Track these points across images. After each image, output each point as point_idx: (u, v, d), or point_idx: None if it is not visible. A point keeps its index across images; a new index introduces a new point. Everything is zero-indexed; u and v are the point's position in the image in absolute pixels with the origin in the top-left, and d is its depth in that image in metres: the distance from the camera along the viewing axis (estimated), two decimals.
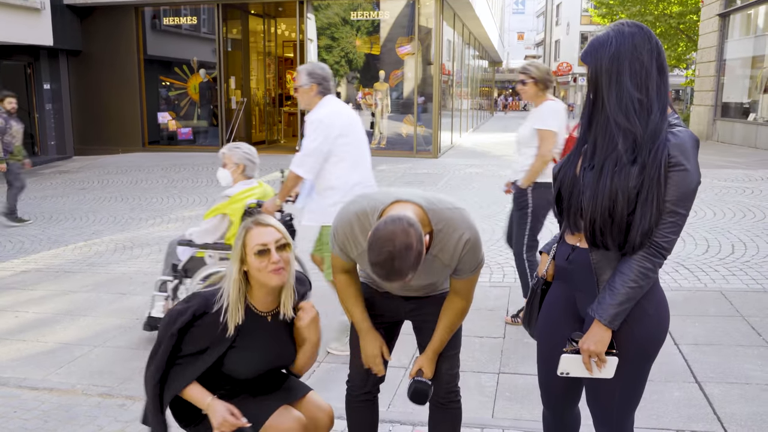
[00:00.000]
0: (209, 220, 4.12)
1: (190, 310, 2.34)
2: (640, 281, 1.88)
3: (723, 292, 5.17)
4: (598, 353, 1.94)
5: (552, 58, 58.18)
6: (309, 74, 3.99)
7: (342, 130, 3.94)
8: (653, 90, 1.86)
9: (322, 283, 4.34)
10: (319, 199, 4.05)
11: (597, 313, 1.93)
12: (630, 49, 1.84)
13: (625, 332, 1.96)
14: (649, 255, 1.88)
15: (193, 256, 4.27)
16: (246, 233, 2.36)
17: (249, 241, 2.34)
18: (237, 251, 2.36)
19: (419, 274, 2.18)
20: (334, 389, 3.69)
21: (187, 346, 2.37)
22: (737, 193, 9.47)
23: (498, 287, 5.49)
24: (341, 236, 2.22)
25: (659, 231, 1.86)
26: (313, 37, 15.90)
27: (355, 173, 3.99)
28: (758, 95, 16.80)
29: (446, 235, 2.11)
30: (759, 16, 17.03)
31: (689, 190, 1.84)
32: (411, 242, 1.84)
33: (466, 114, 24.56)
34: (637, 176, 1.83)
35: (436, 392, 2.50)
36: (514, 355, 4.12)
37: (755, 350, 4.08)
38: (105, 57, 16.27)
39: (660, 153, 1.82)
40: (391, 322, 2.52)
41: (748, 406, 3.39)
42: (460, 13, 19.17)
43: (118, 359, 4.21)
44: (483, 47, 32.07)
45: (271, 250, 2.32)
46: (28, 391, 3.74)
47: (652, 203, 1.83)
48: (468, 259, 2.17)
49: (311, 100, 4.02)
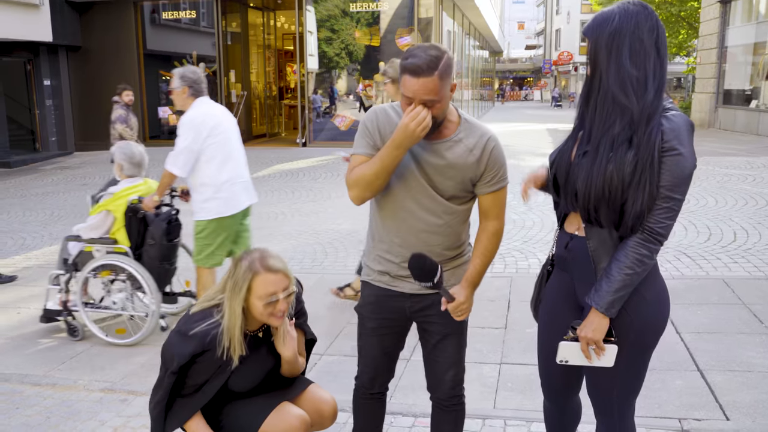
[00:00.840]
0: (94, 217, 4.37)
1: (187, 351, 2.29)
2: (636, 268, 1.87)
3: (725, 280, 5.16)
4: (596, 341, 1.94)
5: (552, 47, 57.99)
6: (181, 77, 4.24)
7: (212, 131, 4.17)
8: (650, 70, 1.85)
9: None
10: (194, 194, 4.30)
11: (594, 300, 1.92)
12: (632, 26, 1.84)
13: (624, 320, 1.95)
14: (645, 241, 1.87)
15: (82, 250, 4.48)
16: (253, 277, 2.26)
17: (256, 287, 2.26)
18: (240, 293, 2.27)
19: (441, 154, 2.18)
20: (335, 381, 3.70)
21: (189, 380, 2.35)
22: (739, 181, 9.44)
23: (499, 278, 5.49)
24: (374, 120, 2.24)
25: (654, 216, 1.85)
26: (312, 29, 15.86)
27: (225, 171, 4.23)
28: (760, 82, 16.73)
29: (471, 126, 2.23)
30: (760, 2, 16.93)
31: (684, 175, 1.83)
32: (442, 48, 2.07)
33: (467, 104, 24.51)
34: (631, 160, 1.83)
35: (440, 395, 2.45)
36: (516, 345, 4.12)
37: (757, 338, 4.07)
38: (105, 52, 16.25)
39: (654, 136, 1.81)
40: (398, 327, 2.45)
41: (750, 393, 3.38)
42: (460, 3, 19.09)
43: (119, 355, 4.21)
44: (483, 37, 31.96)
45: (280, 300, 2.29)
46: (30, 387, 3.75)
47: (645, 187, 1.82)
48: (495, 159, 2.22)
49: (185, 101, 4.27)
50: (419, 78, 2.01)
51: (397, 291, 2.35)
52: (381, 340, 2.44)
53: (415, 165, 2.19)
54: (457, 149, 2.18)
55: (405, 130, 2.04)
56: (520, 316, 4.59)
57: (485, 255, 2.29)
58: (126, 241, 4.33)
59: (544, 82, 58.82)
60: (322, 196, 9.44)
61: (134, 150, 4.48)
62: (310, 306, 4.87)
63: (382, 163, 2.11)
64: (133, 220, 4.34)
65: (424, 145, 2.18)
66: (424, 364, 2.49)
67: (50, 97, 16.06)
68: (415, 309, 2.36)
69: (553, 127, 21.87)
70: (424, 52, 2.02)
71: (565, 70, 54.05)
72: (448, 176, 2.19)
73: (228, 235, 4.31)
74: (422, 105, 2.05)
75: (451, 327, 2.36)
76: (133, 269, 4.25)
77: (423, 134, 2.05)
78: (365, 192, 2.19)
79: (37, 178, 12.47)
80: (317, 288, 5.36)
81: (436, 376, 2.44)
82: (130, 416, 3.37)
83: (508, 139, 17.38)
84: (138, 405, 3.47)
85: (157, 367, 3.91)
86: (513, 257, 6.06)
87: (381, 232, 2.33)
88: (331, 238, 7.02)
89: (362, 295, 2.47)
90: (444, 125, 2.18)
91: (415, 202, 2.22)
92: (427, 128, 2.05)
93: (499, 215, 2.30)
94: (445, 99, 2.08)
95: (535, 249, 6.28)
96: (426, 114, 2.04)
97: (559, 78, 56.91)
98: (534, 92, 60.73)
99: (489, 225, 2.29)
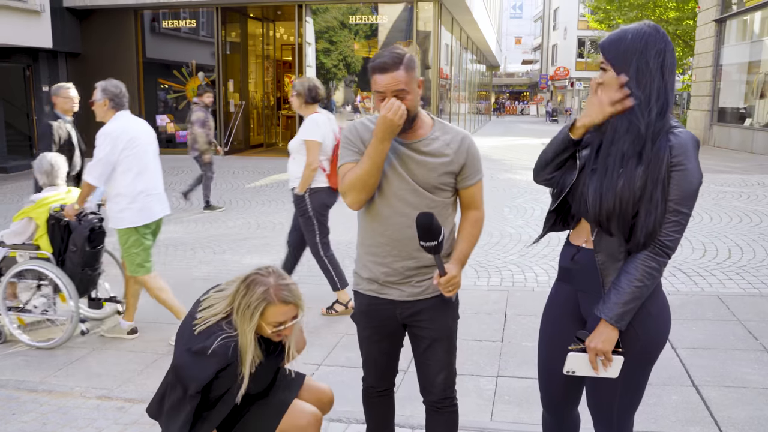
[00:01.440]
0: (16, 223, 4.53)
1: (211, 370, 2.31)
2: (646, 280, 1.91)
3: (720, 297, 5.19)
4: (605, 352, 1.96)
5: (549, 62, 58.34)
6: (103, 90, 4.40)
7: (128, 143, 4.32)
8: (653, 91, 1.90)
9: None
10: (110, 204, 4.42)
11: (603, 312, 1.95)
12: (641, 47, 1.89)
13: (630, 335, 1.99)
14: (654, 254, 1.91)
15: (6, 255, 4.64)
16: (266, 306, 2.31)
17: (268, 316, 2.32)
18: (253, 321, 2.31)
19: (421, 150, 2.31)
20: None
21: (210, 394, 2.37)
22: (734, 198, 9.50)
23: (496, 291, 5.51)
24: (354, 131, 2.37)
25: (663, 230, 1.90)
26: (311, 40, 15.94)
27: (141, 182, 4.38)
28: (754, 100, 16.87)
29: (445, 126, 2.41)
30: (755, 21, 17.11)
31: (692, 189, 1.88)
32: (404, 49, 2.27)
33: (463, 118, 24.61)
34: (641, 175, 1.87)
35: (432, 398, 2.50)
36: (513, 358, 4.13)
37: (752, 354, 4.10)
38: (104, 59, 16.27)
39: (663, 152, 1.86)
40: (392, 332, 2.50)
41: (745, 409, 3.40)
42: (458, 17, 19.23)
43: (116, 362, 4.21)
44: (481, 51, 32.15)
45: (287, 327, 2.38)
46: (26, 394, 3.74)
47: (657, 204, 1.87)
48: (472, 154, 2.38)
49: (105, 113, 4.41)
50: (387, 73, 2.20)
51: (386, 299, 2.42)
52: (378, 345, 2.53)
53: (398, 162, 2.32)
54: (434, 144, 2.35)
55: (385, 121, 2.19)
56: (517, 329, 4.61)
57: (470, 239, 2.44)
58: (48, 248, 4.49)
59: (540, 97, 59.13)
60: None
61: (45, 161, 4.62)
62: (306, 317, 4.89)
63: (371, 160, 2.24)
64: (56, 227, 4.49)
65: (403, 144, 2.32)
66: (416, 368, 2.55)
67: (48, 103, 15.98)
68: (405, 315, 2.43)
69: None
70: (389, 51, 2.24)
71: (561, 85, 54.35)
72: (429, 168, 2.32)
73: (148, 241, 4.47)
74: (395, 97, 2.21)
75: (441, 331, 2.44)
76: (54, 275, 4.40)
77: (401, 122, 2.20)
78: (361, 193, 2.30)
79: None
80: (314, 298, 5.36)
81: (427, 379, 2.50)
82: (127, 424, 3.37)
83: (505, 153, 17.46)
84: (135, 413, 3.47)
85: (153, 375, 3.93)
86: (510, 271, 6.08)
87: (368, 236, 2.42)
88: None
89: (355, 304, 2.56)
90: (419, 125, 2.34)
91: (400, 200, 2.33)
92: (404, 116, 2.21)
93: (479, 205, 2.46)
94: (414, 92, 2.26)
95: (531, 263, 6.30)
96: (400, 103, 2.20)
97: (555, 93, 57.20)
98: (530, 107, 61.03)
99: (471, 214, 2.46)
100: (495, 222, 8.21)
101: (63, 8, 15.70)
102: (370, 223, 2.39)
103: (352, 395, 2.72)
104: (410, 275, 2.37)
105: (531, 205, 9.35)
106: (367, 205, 2.38)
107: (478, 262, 6.35)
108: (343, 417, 3.37)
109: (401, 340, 2.56)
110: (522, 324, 4.70)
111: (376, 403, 2.66)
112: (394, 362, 2.60)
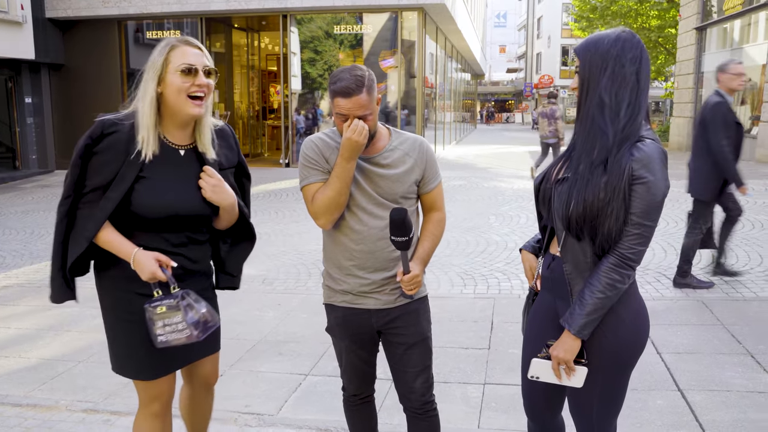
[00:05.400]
0: None
1: (85, 135, 2.15)
2: (608, 292, 1.92)
3: (704, 301, 5.24)
4: (566, 361, 1.99)
5: (534, 70, 58.75)
6: None
7: None
8: (625, 97, 1.91)
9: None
10: None
11: (567, 322, 1.98)
12: (617, 52, 1.91)
13: (600, 341, 2.00)
14: (616, 266, 1.92)
15: None
16: (170, 50, 2.17)
17: (174, 59, 2.16)
18: (156, 68, 2.16)
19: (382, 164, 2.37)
20: (320, 402, 3.70)
21: (92, 179, 2.18)
22: None
23: (482, 299, 5.52)
24: (314, 149, 2.39)
25: (625, 243, 1.91)
26: (296, 50, 15.96)
27: None
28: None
29: (401, 135, 2.47)
30: (734, 29, 17.36)
31: (655, 202, 1.88)
32: (362, 68, 2.29)
33: (449, 126, 24.71)
34: (603, 186, 1.88)
35: (412, 403, 2.51)
36: (500, 365, 4.15)
37: (736, 358, 4.14)
38: (87, 70, 16.21)
39: (624, 163, 1.87)
40: (368, 339, 2.52)
41: (729, 413, 3.44)
42: (443, 27, 19.34)
43: (101, 375, 4.17)
44: (465, 60, 32.33)
45: (199, 72, 2.19)
46: (10, 408, 3.69)
47: (612, 212, 1.88)
48: (431, 159, 2.46)
49: None
50: (350, 97, 2.22)
51: (361, 308, 2.44)
52: (356, 354, 2.54)
53: (362, 178, 2.36)
54: (394, 155, 2.40)
55: (350, 143, 2.24)
56: (504, 336, 4.62)
57: (433, 238, 2.48)
58: None
59: (525, 105, 59.49)
60: (306, 217, 9.43)
61: None
62: (293, 327, 4.90)
63: (340, 179, 2.29)
64: None
65: (364, 159, 2.36)
66: (393, 375, 2.56)
67: (31, 115, 15.95)
68: (381, 323, 2.45)
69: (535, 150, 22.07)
70: (349, 73, 2.24)
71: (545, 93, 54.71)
72: (392, 180, 2.37)
73: None
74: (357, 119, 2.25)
75: (417, 336, 2.47)
76: None
77: (365, 141, 2.26)
78: (334, 213, 2.34)
79: (16, 197, 12.34)
80: (301, 308, 5.36)
81: (406, 385, 2.51)
82: None
83: (490, 161, 17.54)
84: (121, 425, 3.44)
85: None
86: (496, 278, 6.10)
87: (339, 251, 2.42)
88: (314, 258, 7.03)
89: (329, 317, 2.55)
90: (377, 138, 2.40)
91: (368, 214, 2.37)
92: (367, 136, 2.26)
93: (441, 207, 2.53)
94: (374, 111, 2.31)
95: (518, 270, 6.33)
96: (363, 124, 2.25)
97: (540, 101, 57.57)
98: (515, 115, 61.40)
99: (434, 215, 2.51)
100: (481, 230, 8.24)
101: (45, 19, 15.63)
102: (341, 239, 2.41)
103: (340, 405, 2.72)
104: (384, 284, 2.40)
105: (517, 213, 9.39)
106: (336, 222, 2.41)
107: (465, 270, 6.37)
108: (331, 427, 3.37)
109: (377, 346, 2.59)
110: (509, 331, 4.72)
111: (358, 410, 2.67)
112: (373, 369, 2.62)
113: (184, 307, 2.19)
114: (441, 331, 4.61)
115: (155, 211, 2.21)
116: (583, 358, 2.01)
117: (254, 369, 4.19)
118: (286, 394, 3.83)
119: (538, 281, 2.25)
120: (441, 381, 3.63)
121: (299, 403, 3.71)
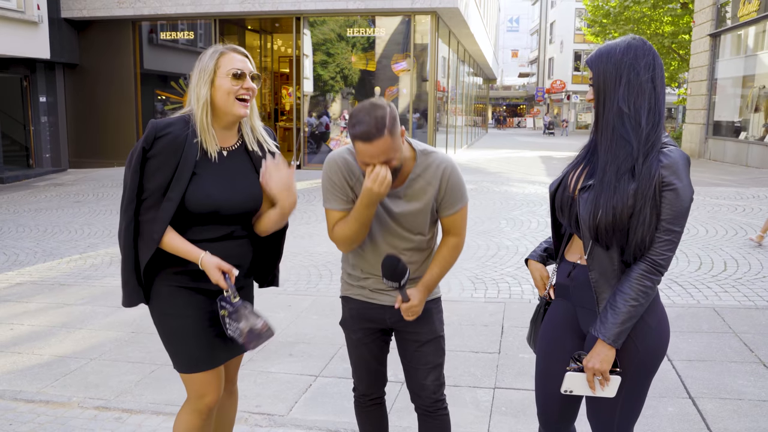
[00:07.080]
0: None
1: (140, 140, 2.26)
2: (641, 299, 1.93)
3: (716, 309, 5.21)
4: (602, 372, 1.97)
5: (546, 75, 58.63)
6: None
7: None
8: (644, 105, 1.91)
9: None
10: None
11: (600, 332, 1.96)
12: (630, 61, 1.91)
13: (629, 348, 2.00)
14: (648, 272, 1.92)
15: None
16: (220, 56, 2.30)
17: (223, 64, 2.29)
18: (208, 72, 2.29)
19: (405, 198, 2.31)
20: (330, 403, 3.71)
21: (150, 182, 2.25)
22: (729, 211, 9.55)
23: (493, 303, 5.52)
24: (339, 173, 2.32)
25: (656, 249, 1.91)
26: (308, 52, 16.01)
27: None
28: (749, 114, 16.99)
29: (427, 157, 2.32)
30: (749, 36, 17.26)
31: (683, 208, 1.89)
32: (383, 104, 2.11)
33: (460, 130, 24.69)
34: (632, 193, 1.88)
35: (423, 401, 2.52)
36: (510, 370, 4.14)
37: (748, 366, 4.12)
38: (101, 70, 16.32)
39: (654, 170, 1.87)
40: (381, 333, 2.55)
41: (741, 421, 3.42)
42: (455, 31, 19.34)
43: (114, 372, 4.21)
44: (477, 64, 32.30)
45: (246, 76, 2.33)
46: (23, 404, 3.73)
47: (645, 220, 1.88)
48: (453, 185, 2.33)
49: None
50: (372, 142, 2.08)
51: (376, 303, 2.46)
52: (368, 348, 2.55)
53: (385, 213, 2.33)
54: (416, 186, 2.31)
55: (370, 194, 2.15)
56: (514, 341, 4.62)
57: (443, 265, 2.42)
58: None
59: (537, 110, 59.38)
60: (317, 218, 9.48)
61: None
62: (304, 328, 4.91)
63: (358, 222, 2.26)
64: None
65: (389, 194, 2.30)
66: (405, 373, 2.57)
67: (45, 114, 16.09)
68: (394, 320, 2.46)
69: (546, 155, 22.06)
70: (368, 114, 2.08)
71: (557, 98, 54.59)
72: (413, 215, 2.34)
73: None
74: (380, 165, 2.13)
75: (430, 334, 2.47)
76: None
77: (387, 190, 2.15)
78: (352, 245, 2.35)
79: (30, 195, 12.44)
80: (312, 310, 5.37)
81: (417, 382, 2.52)
82: None
83: (501, 166, 17.52)
84: (133, 423, 3.47)
85: (151, 385, 3.94)
86: (507, 283, 6.10)
87: (358, 262, 2.45)
88: (325, 260, 7.05)
89: (344, 309, 2.58)
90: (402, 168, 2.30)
91: (388, 244, 2.37)
92: (389, 186, 2.15)
93: (459, 232, 2.43)
94: (399, 150, 2.16)
95: (528, 275, 6.32)
96: (386, 172, 2.13)
97: (552, 106, 57.45)
98: (527, 119, 61.30)
99: (450, 240, 2.43)
100: (492, 234, 8.23)
101: (61, 19, 15.76)
102: (360, 252, 2.43)
103: (350, 406, 2.73)
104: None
105: (528, 218, 9.38)
106: None
107: (475, 274, 6.37)
108: (341, 429, 3.38)
109: (388, 345, 2.61)
110: (519, 336, 4.71)
111: (369, 411, 2.68)
112: (383, 368, 2.63)
113: (246, 315, 2.28)
114: (451, 334, 4.60)
115: (201, 205, 2.29)
116: (617, 368, 2.00)
117: (265, 369, 4.21)
118: (297, 394, 3.84)
119: (551, 290, 2.24)
120: (451, 384, 3.64)
121: (309, 404, 3.72)
